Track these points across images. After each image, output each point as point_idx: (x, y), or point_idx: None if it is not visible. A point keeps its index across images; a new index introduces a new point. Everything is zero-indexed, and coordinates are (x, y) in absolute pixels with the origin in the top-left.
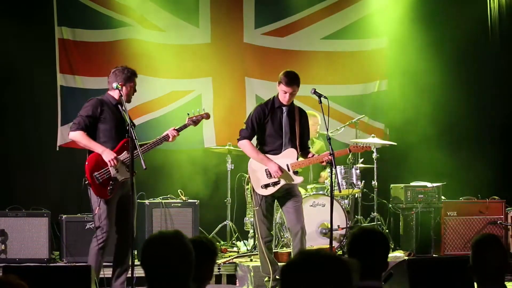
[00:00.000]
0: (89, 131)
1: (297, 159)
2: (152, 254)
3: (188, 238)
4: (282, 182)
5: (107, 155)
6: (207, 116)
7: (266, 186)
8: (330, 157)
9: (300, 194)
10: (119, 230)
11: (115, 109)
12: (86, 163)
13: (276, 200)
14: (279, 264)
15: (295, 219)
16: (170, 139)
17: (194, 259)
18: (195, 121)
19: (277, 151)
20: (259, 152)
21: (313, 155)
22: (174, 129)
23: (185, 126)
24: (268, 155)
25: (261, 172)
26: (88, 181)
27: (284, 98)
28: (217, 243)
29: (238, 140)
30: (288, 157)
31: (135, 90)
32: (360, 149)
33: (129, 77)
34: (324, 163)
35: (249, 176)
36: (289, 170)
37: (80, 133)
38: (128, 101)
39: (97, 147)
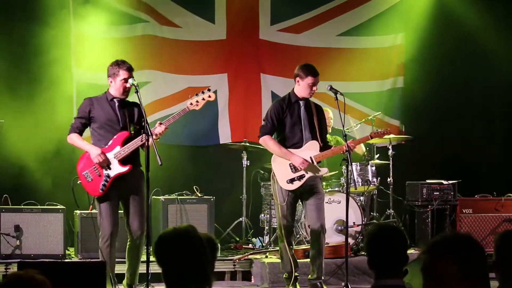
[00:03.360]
0: (83, 132)
1: (320, 151)
2: (165, 249)
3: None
4: (308, 174)
5: (92, 152)
6: (211, 96)
7: (292, 180)
8: (351, 144)
9: (323, 191)
10: (129, 227)
11: (109, 105)
12: (78, 163)
13: (299, 197)
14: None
15: (316, 216)
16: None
17: (209, 253)
18: (197, 103)
19: (298, 144)
20: (282, 147)
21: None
22: (159, 123)
23: (185, 110)
24: (290, 150)
25: (286, 167)
26: (80, 180)
27: (310, 91)
28: (232, 239)
29: (259, 136)
30: (311, 149)
31: (125, 81)
32: (381, 134)
33: (114, 70)
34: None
35: (273, 172)
36: (312, 162)
37: (72, 136)
38: (124, 95)
39: (85, 146)
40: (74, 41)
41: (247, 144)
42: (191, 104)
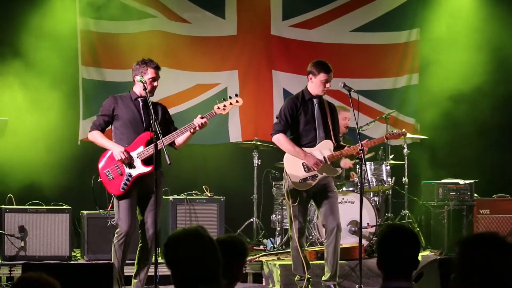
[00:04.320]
0: (106, 130)
1: (333, 150)
2: (175, 251)
3: (218, 236)
4: (321, 175)
5: (116, 149)
6: (238, 101)
7: (305, 180)
8: (365, 144)
9: (336, 190)
10: (142, 227)
11: (133, 104)
12: (99, 161)
13: (312, 197)
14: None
15: (331, 215)
16: (197, 128)
17: (220, 255)
18: (225, 108)
19: (312, 143)
20: (295, 145)
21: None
22: (200, 117)
23: (213, 114)
24: (303, 148)
25: (298, 166)
26: (100, 178)
27: (323, 88)
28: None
29: (272, 134)
30: (325, 148)
31: (153, 80)
32: (396, 136)
33: (142, 68)
34: (360, 155)
35: (285, 172)
36: (326, 162)
37: (94, 133)
38: (150, 94)
39: (108, 144)
40: (80, 37)
41: (258, 142)
42: (218, 108)
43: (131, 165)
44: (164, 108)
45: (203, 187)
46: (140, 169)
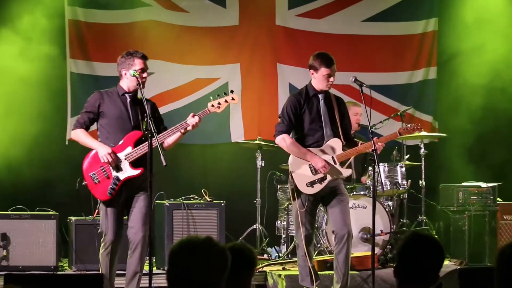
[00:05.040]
0: (89, 128)
1: (342, 150)
2: (181, 263)
3: (224, 245)
4: (329, 177)
5: (101, 150)
6: (234, 99)
7: (312, 183)
8: (377, 145)
9: (347, 192)
10: (131, 234)
11: (120, 100)
12: (83, 162)
13: (320, 201)
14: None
15: (342, 221)
16: (190, 128)
17: (228, 270)
18: (219, 105)
19: (319, 142)
20: (300, 146)
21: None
22: (193, 115)
23: (206, 112)
24: (310, 149)
25: (305, 168)
26: (85, 181)
27: (327, 83)
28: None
29: (275, 136)
30: (333, 148)
31: (142, 71)
32: (411, 131)
33: (128, 60)
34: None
35: (291, 174)
36: (335, 163)
37: (78, 131)
38: (143, 86)
39: (93, 144)
40: (68, 28)
41: (262, 142)
42: (213, 106)
43: (118, 168)
44: (154, 105)
45: (202, 190)
46: (128, 172)
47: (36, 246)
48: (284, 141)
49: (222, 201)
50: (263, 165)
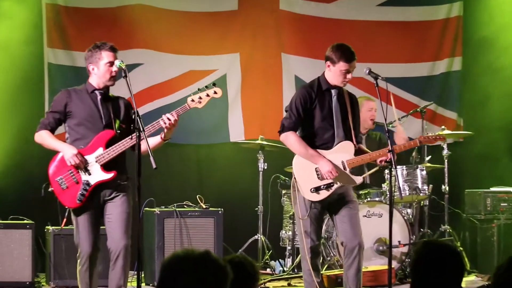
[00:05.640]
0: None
1: (354, 154)
2: (174, 280)
3: (223, 258)
4: (337, 184)
5: (67, 152)
6: (217, 92)
7: (317, 189)
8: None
9: (356, 199)
10: (111, 244)
11: (90, 98)
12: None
13: (326, 209)
14: None
15: (351, 231)
16: (166, 125)
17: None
18: (200, 100)
19: (328, 144)
20: (308, 146)
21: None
22: (171, 114)
23: (186, 108)
24: (318, 150)
25: (310, 171)
26: (52, 187)
27: (343, 79)
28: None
29: (280, 132)
30: (344, 152)
31: (111, 65)
32: (432, 140)
33: (95, 54)
34: (383, 163)
35: (294, 178)
36: (345, 168)
37: (42, 133)
38: (110, 82)
39: (58, 145)
40: (45, 13)
41: (264, 142)
42: (193, 101)
43: (88, 171)
44: (128, 104)
45: (197, 196)
46: (99, 175)
47: (9, 260)
48: (289, 138)
49: (219, 209)
50: (265, 168)
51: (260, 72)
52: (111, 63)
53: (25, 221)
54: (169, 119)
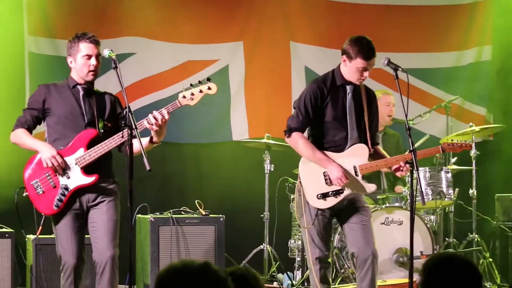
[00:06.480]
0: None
1: (368, 158)
2: None
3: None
4: (347, 191)
5: (44, 152)
6: (211, 88)
7: (325, 196)
8: (408, 157)
9: (368, 205)
10: (96, 254)
11: (71, 94)
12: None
13: (335, 216)
14: None
15: (363, 240)
16: (151, 126)
17: None
18: (192, 97)
19: (340, 146)
20: (316, 149)
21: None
22: (159, 112)
23: (176, 105)
24: (327, 153)
25: (318, 176)
26: (27, 192)
27: (359, 76)
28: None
29: (286, 132)
30: (356, 155)
31: (89, 58)
32: (458, 149)
33: (73, 46)
34: (398, 173)
35: (300, 182)
36: (357, 174)
37: (18, 132)
38: (88, 77)
39: (35, 144)
40: None
41: (271, 141)
42: (184, 97)
43: (67, 174)
44: (115, 100)
45: (196, 202)
46: (79, 179)
47: None
48: (296, 140)
49: (221, 215)
50: (272, 169)
51: (266, 62)
52: (89, 57)
53: (4, 230)
54: (155, 118)
